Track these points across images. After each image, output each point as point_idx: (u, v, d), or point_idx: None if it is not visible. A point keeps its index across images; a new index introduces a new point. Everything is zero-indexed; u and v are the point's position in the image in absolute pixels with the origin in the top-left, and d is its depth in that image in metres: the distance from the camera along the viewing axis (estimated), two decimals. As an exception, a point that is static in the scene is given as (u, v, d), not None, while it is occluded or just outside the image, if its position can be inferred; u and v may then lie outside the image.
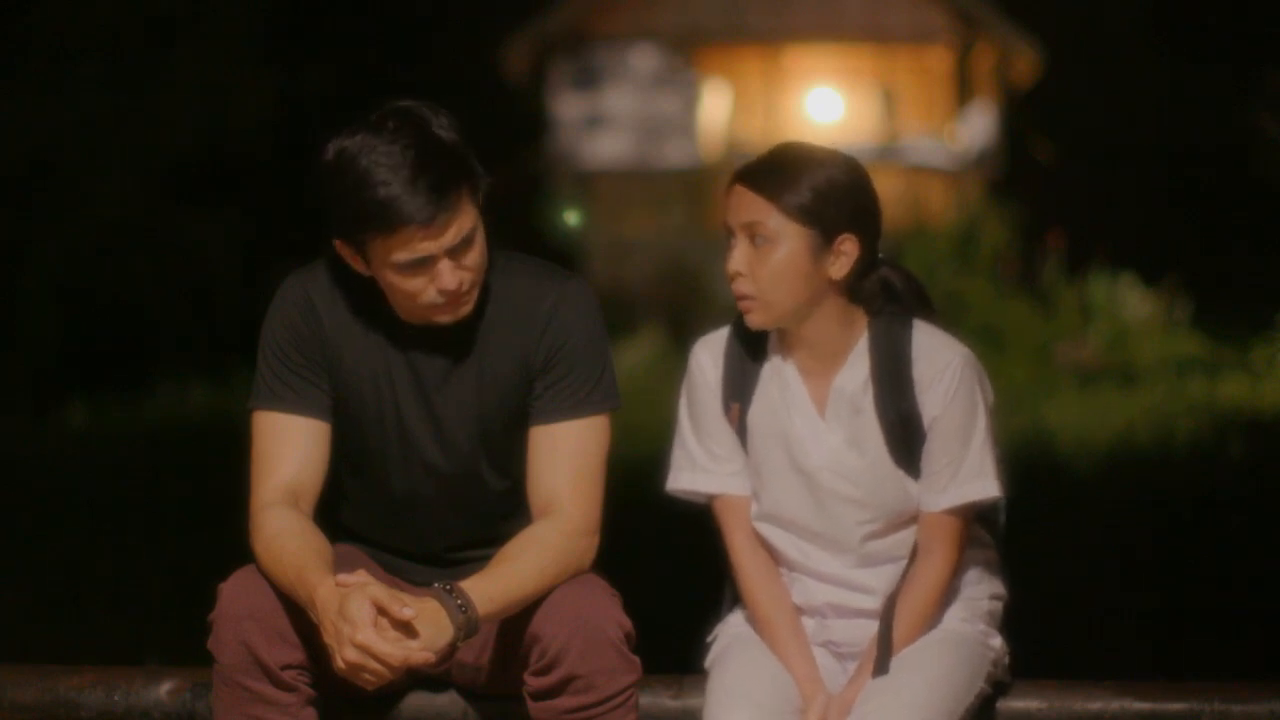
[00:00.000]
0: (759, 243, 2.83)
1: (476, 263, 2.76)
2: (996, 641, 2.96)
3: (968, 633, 2.91)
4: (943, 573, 2.88)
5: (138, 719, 3.05)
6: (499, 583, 2.69)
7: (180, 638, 3.63)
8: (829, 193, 2.82)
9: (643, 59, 20.32)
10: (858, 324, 2.90)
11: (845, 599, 2.93)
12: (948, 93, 20.59)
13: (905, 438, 2.87)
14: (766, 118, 20.08)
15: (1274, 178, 17.29)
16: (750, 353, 2.94)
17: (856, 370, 2.89)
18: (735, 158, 18.08)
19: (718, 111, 20.33)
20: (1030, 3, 20.39)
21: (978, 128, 20.55)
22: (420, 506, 2.90)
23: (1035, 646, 3.27)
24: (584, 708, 2.71)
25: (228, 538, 3.42)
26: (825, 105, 20.53)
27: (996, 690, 2.97)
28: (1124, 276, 16.18)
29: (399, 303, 2.78)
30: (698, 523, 3.10)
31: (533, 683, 2.74)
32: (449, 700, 2.95)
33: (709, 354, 2.97)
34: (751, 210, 2.83)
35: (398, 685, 2.90)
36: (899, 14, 20.40)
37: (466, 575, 2.70)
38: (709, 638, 3.01)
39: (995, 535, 3.03)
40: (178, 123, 16.54)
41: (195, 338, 15.78)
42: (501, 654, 2.82)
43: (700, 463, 2.96)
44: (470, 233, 2.73)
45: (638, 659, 2.76)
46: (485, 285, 2.83)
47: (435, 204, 2.67)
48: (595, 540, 2.83)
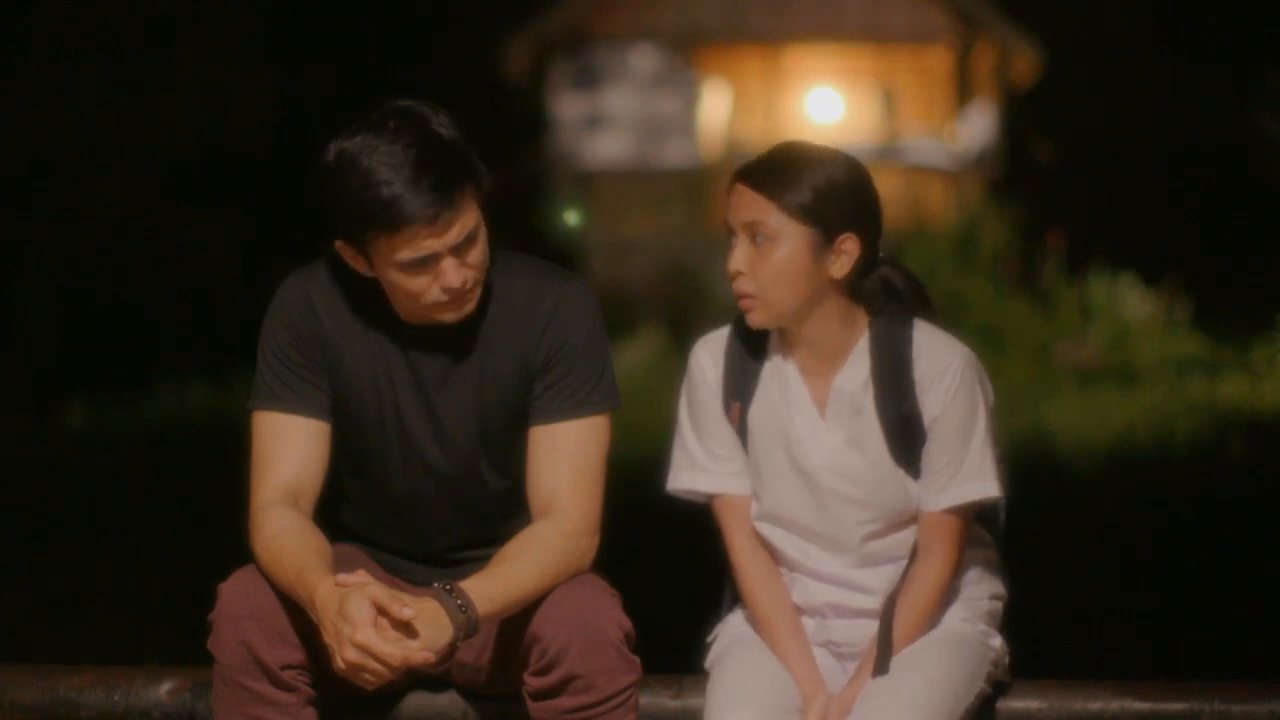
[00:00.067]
0: (760, 242, 2.83)
1: (479, 260, 2.77)
2: (996, 641, 2.96)
3: (968, 633, 2.91)
4: (943, 573, 2.88)
5: (138, 719, 3.05)
6: (499, 583, 2.69)
7: (180, 638, 3.63)
8: (830, 192, 2.81)
9: (643, 59, 20.32)
10: (858, 323, 2.90)
11: (845, 599, 2.93)
12: (948, 93, 20.59)
13: (906, 437, 2.87)
14: (766, 118, 20.08)
15: (1274, 178, 17.29)
16: (751, 352, 2.94)
17: (857, 370, 2.89)
18: (735, 158, 18.07)
19: (718, 111, 20.33)
20: (1030, 3, 20.39)
21: (978, 128, 20.55)
22: (420, 506, 2.90)
23: (1035, 646, 3.27)
24: (584, 708, 2.71)
25: (228, 538, 3.42)
26: (825, 105, 20.53)
27: (996, 690, 2.97)
28: (1124, 276, 16.18)
29: (402, 303, 2.78)
30: (698, 523, 3.10)
31: (533, 683, 2.74)
32: (449, 700, 2.95)
33: (709, 354, 2.97)
34: (752, 209, 2.83)
35: (398, 685, 2.90)
36: (899, 14, 20.40)
37: (466, 575, 2.70)
38: (709, 638, 3.01)
39: (995, 535, 3.03)
40: (178, 123, 16.54)
41: (195, 338, 15.77)
42: (501, 654, 2.82)
43: (700, 462, 2.96)
44: (473, 230, 2.74)
45: (638, 659, 2.76)
46: (486, 285, 2.83)
47: (439, 202, 2.68)
48: (595, 540, 2.83)
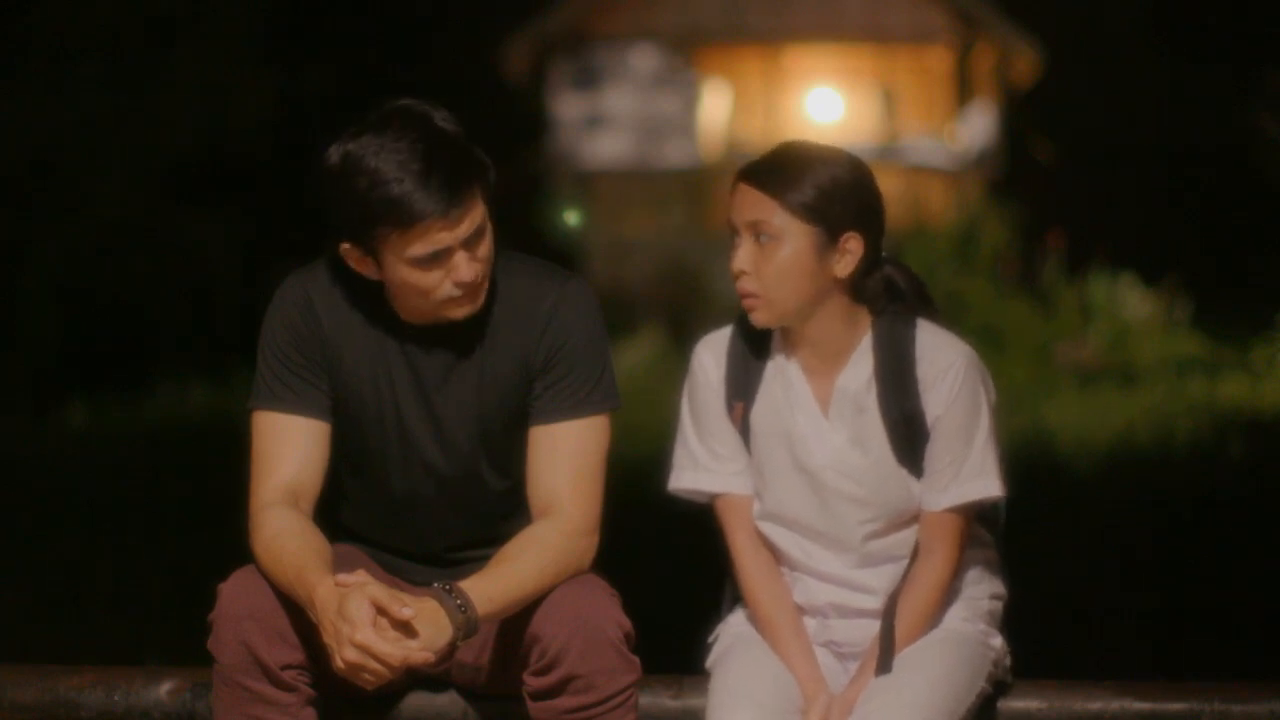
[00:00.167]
0: (764, 241, 2.83)
1: (488, 254, 2.78)
2: (997, 641, 2.96)
3: (969, 632, 2.91)
4: (944, 572, 2.88)
5: (138, 719, 3.05)
6: (499, 583, 2.69)
7: (180, 638, 3.63)
8: (833, 191, 2.81)
9: (643, 59, 20.32)
10: (861, 323, 2.90)
11: (847, 599, 2.93)
12: (948, 93, 20.58)
13: (908, 437, 2.87)
14: (766, 118, 20.08)
15: (1274, 178, 17.29)
16: (753, 352, 2.94)
17: (860, 369, 2.89)
18: (735, 158, 18.07)
19: (718, 111, 20.33)
20: (1030, 3, 20.38)
21: (978, 128, 20.55)
22: (420, 506, 2.90)
23: (1035, 646, 3.27)
24: (584, 708, 2.71)
25: (228, 538, 3.42)
26: (825, 105, 20.52)
27: (997, 690, 2.97)
28: (1124, 276, 16.17)
29: (411, 301, 2.78)
30: (698, 523, 3.10)
31: (532, 683, 2.73)
32: (449, 700, 2.95)
33: (711, 353, 2.96)
34: (756, 208, 2.83)
35: (397, 685, 2.89)
36: (899, 14, 20.40)
37: (466, 575, 2.70)
38: (710, 638, 3.01)
39: (995, 535, 3.03)
40: (178, 123, 16.54)
41: (195, 338, 15.76)
42: (501, 654, 2.82)
43: (702, 462, 2.96)
44: (482, 223, 2.75)
45: (637, 659, 2.76)
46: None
47: (450, 196, 2.68)
48: (595, 540, 2.83)
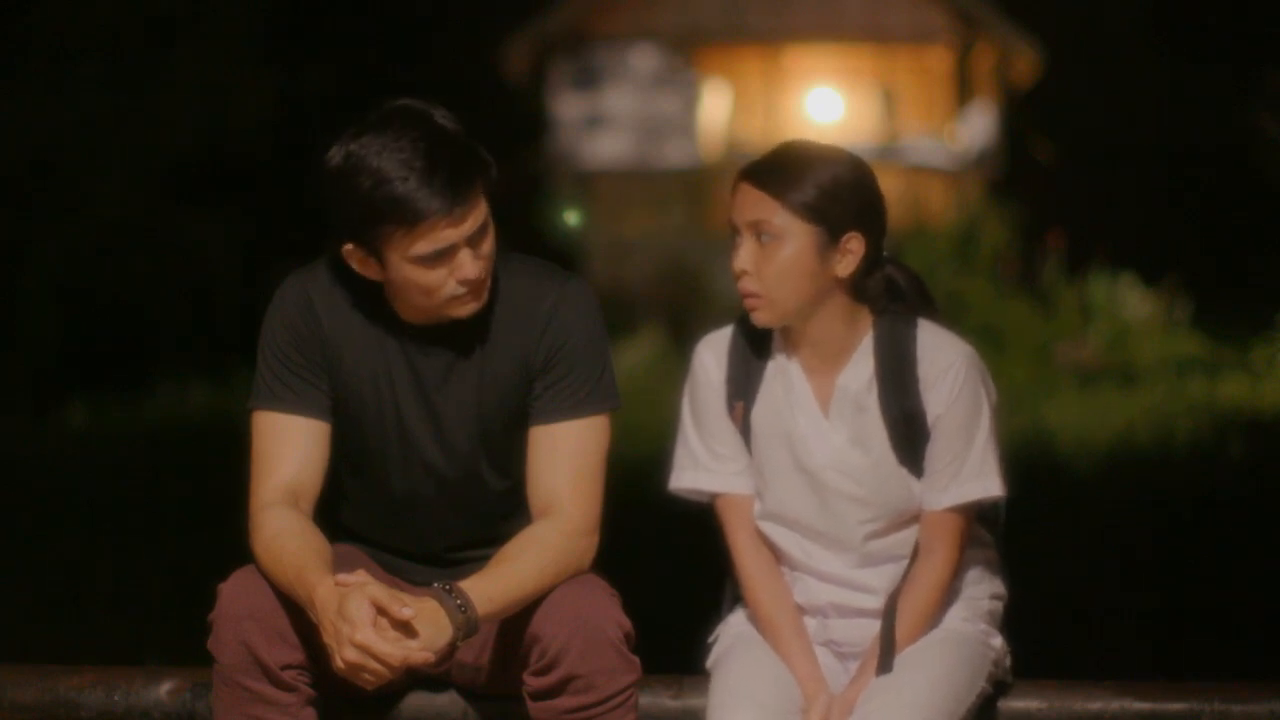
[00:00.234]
0: (765, 240, 2.83)
1: (490, 252, 2.78)
2: (997, 641, 2.96)
3: (969, 632, 2.90)
4: (944, 572, 2.88)
5: (138, 719, 3.05)
6: (499, 583, 2.69)
7: (180, 638, 3.63)
8: (835, 191, 2.82)
9: (643, 59, 20.32)
10: (862, 322, 2.90)
11: (847, 598, 2.93)
12: (948, 93, 20.58)
13: (909, 436, 2.87)
14: (766, 118, 20.08)
15: (1274, 178, 17.29)
16: (754, 351, 2.94)
17: (861, 368, 2.89)
18: (735, 158, 18.07)
19: (718, 111, 20.32)
20: (1030, 3, 20.38)
21: (978, 128, 20.55)
22: (420, 506, 2.90)
23: (1035, 646, 3.27)
24: (584, 708, 2.71)
25: (228, 538, 3.42)
26: (825, 105, 20.52)
27: (997, 690, 2.97)
28: (1124, 276, 16.17)
29: (416, 301, 2.78)
30: (698, 523, 3.10)
31: (532, 683, 2.73)
32: (449, 700, 2.95)
33: (712, 353, 2.96)
34: (757, 208, 2.83)
35: (397, 685, 2.89)
36: (899, 14, 20.39)
37: (466, 575, 2.70)
38: (710, 638, 3.01)
39: (995, 535, 3.03)
40: (178, 123, 16.53)
41: (195, 338, 15.76)
42: (501, 654, 2.82)
43: (703, 461, 2.96)
44: (485, 220, 2.75)
45: (637, 659, 2.76)
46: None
47: (454, 194, 2.69)
48: (595, 540, 2.83)
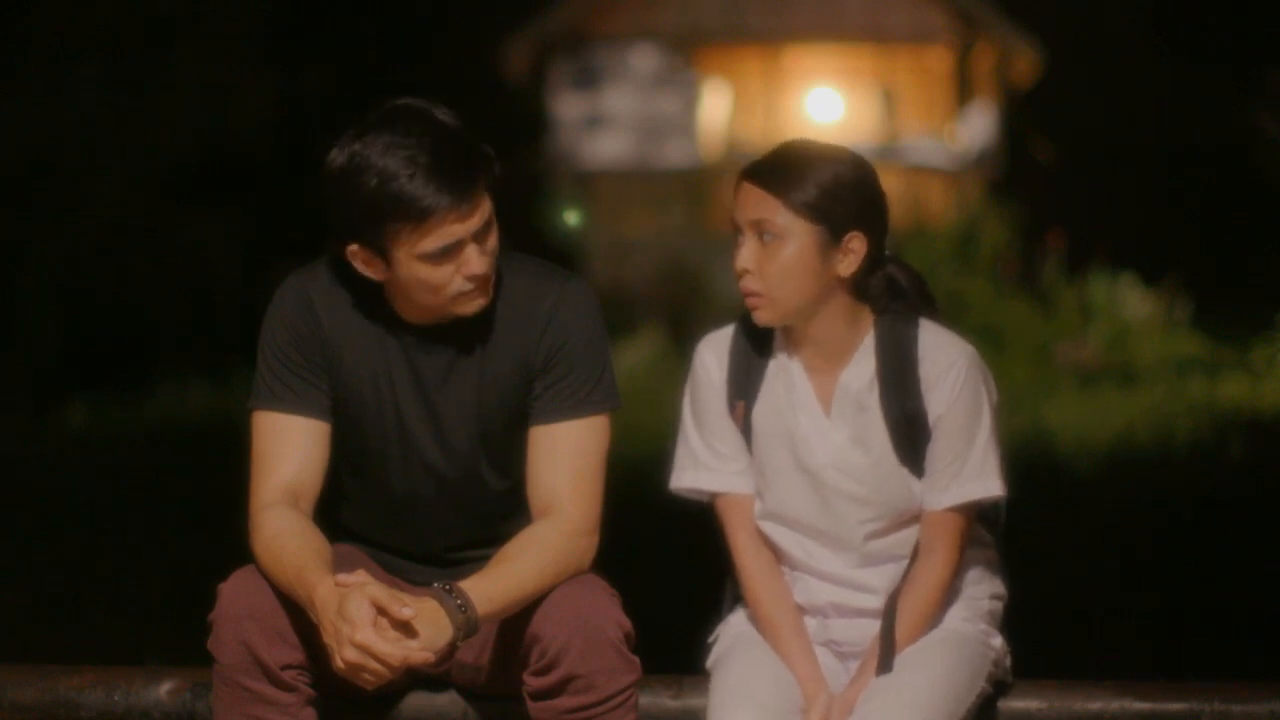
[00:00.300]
0: (767, 240, 2.83)
1: (495, 248, 2.79)
2: (997, 641, 2.96)
3: (969, 632, 2.90)
4: (944, 572, 2.88)
5: (138, 719, 3.05)
6: (499, 583, 2.69)
7: (180, 638, 3.63)
8: (836, 190, 2.82)
9: (643, 59, 20.31)
10: (864, 321, 2.90)
11: (847, 598, 2.93)
12: (948, 93, 20.58)
13: (910, 436, 2.87)
14: (766, 118, 20.07)
15: (1274, 178, 17.29)
16: (755, 350, 2.94)
17: (862, 368, 2.89)
18: (735, 158, 18.08)
19: (718, 111, 20.32)
20: (1030, 3, 20.38)
21: (978, 128, 20.54)
22: (420, 506, 2.90)
23: (1035, 646, 3.27)
24: (584, 708, 2.71)
25: (228, 538, 3.42)
26: (825, 105, 20.52)
27: (997, 690, 2.97)
28: (1124, 276, 16.17)
29: (421, 299, 2.78)
30: (698, 523, 3.10)
31: (532, 683, 2.74)
32: (449, 700, 2.95)
33: (714, 352, 2.96)
34: (759, 207, 2.83)
35: (397, 685, 2.90)
36: (899, 14, 20.39)
37: (466, 575, 2.70)
38: (710, 638, 3.01)
39: (995, 535, 3.03)
40: (178, 123, 16.53)
41: (195, 338, 15.76)
42: (501, 654, 2.82)
43: (704, 461, 2.96)
44: (490, 215, 2.76)
45: (637, 659, 2.76)
46: (489, 281, 2.83)
47: (461, 189, 2.69)
48: (595, 540, 2.83)
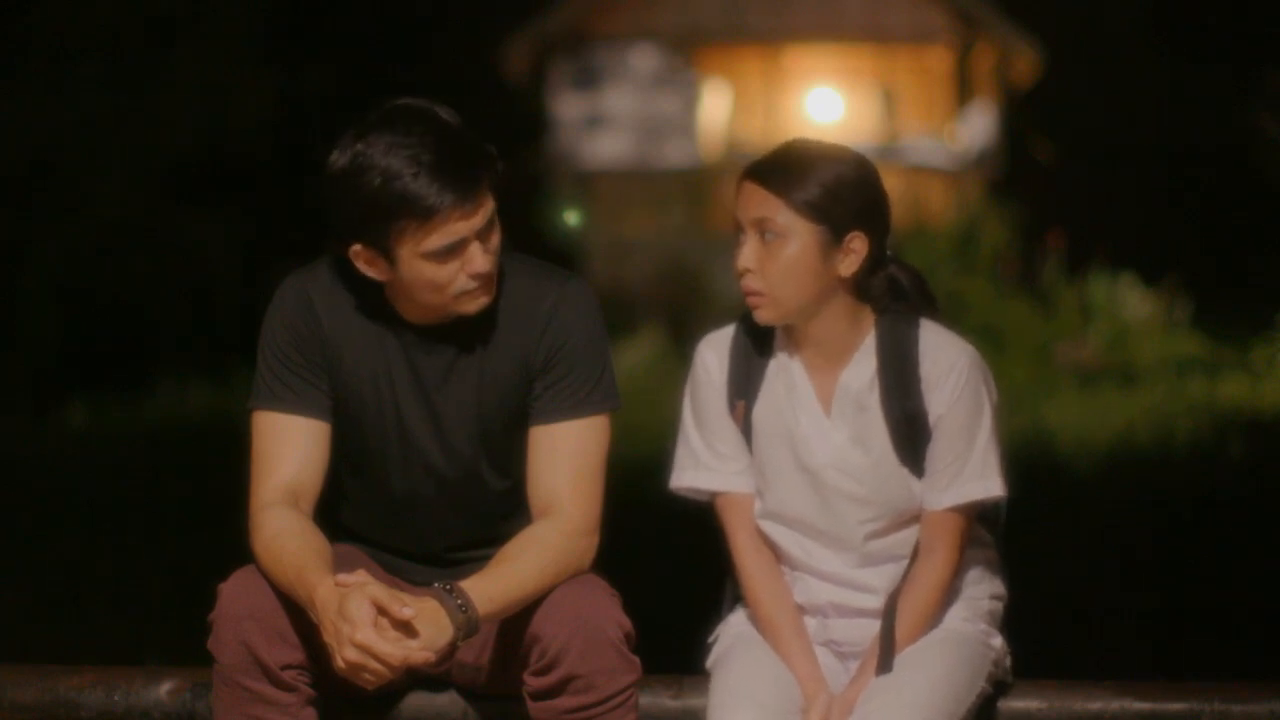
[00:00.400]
0: (769, 239, 2.83)
1: (498, 246, 2.79)
2: (997, 641, 2.96)
3: (969, 632, 2.90)
4: (944, 572, 2.88)
5: (138, 719, 3.05)
6: (499, 583, 2.69)
7: (180, 638, 3.63)
8: (838, 190, 2.81)
9: (643, 59, 20.32)
10: (865, 321, 2.90)
11: (847, 598, 2.93)
12: (948, 93, 20.58)
13: (910, 436, 2.87)
14: (766, 118, 20.08)
15: (1274, 178, 17.29)
16: (756, 350, 2.94)
17: (863, 367, 2.89)
18: (735, 158, 18.09)
19: (718, 111, 20.32)
20: (1030, 3, 20.38)
21: (978, 128, 20.55)
22: (420, 506, 2.90)
23: (1035, 646, 3.27)
24: (584, 708, 2.71)
25: (228, 538, 3.42)
26: (825, 105, 20.52)
27: (997, 690, 2.97)
28: (1124, 276, 16.17)
29: (424, 298, 2.78)
30: (698, 523, 3.10)
31: (532, 683, 2.74)
32: (449, 700, 2.95)
33: (714, 352, 2.96)
34: (761, 206, 2.83)
35: (398, 685, 2.89)
36: (899, 14, 20.39)
37: (466, 575, 2.70)
38: (710, 638, 3.01)
39: (995, 535, 3.03)
40: (178, 123, 16.53)
41: (195, 338, 15.76)
42: (501, 654, 2.82)
43: (704, 460, 2.96)
44: (493, 214, 2.77)
45: (638, 659, 2.76)
46: (489, 282, 2.83)
47: (465, 187, 2.70)
48: (595, 540, 2.83)
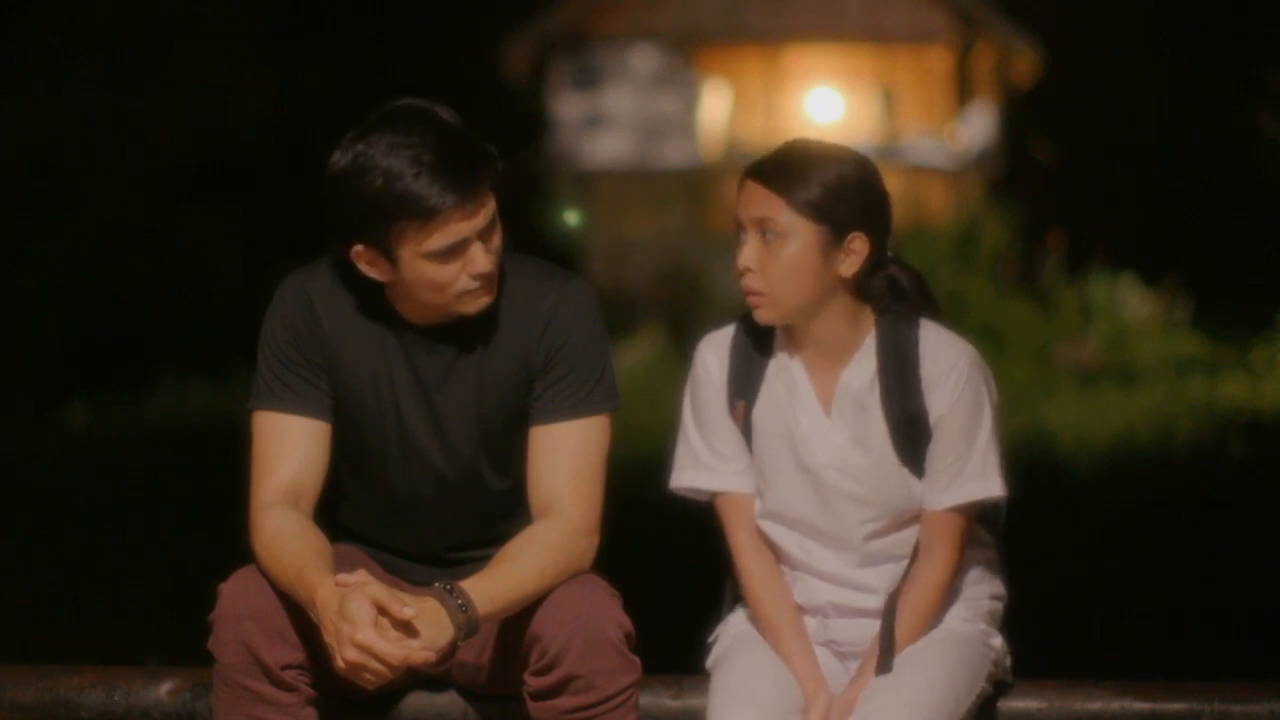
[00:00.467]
0: (770, 238, 2.82)
1: (499, 246, 2.79)
2: (997, 641, 2.96)
3: (969, 632, 2.90)
4: (944, 572, 2.87)
5: (138, 719, 3.05)
6: (499, 582, 2.69)
7: (180, 638, 3.63)
8: (839, 190, 2.81)
9: (643, 59, 20.32)
10: (865, 321, 2.90)
11: (847, 598, 2.93)
12: (948, 93, 20.59)
13: (910, 436, 2.87)
14: (766, 118, 20.08)
15: (1274, 178, 17.29)
16: (756, 350, 2.94)
17: (863, 368, 2.89)
18: (735, 158, 18.10)
19: (718, 111, 20.33)
20: (1030, 3, 20.38)
21: (978, 128, 20.55)
22: (420, 506, 2.90)
23: (1035, 646, 3.27)
24: (584, 708, 2.71)
25: (228, 538, 3.42)
26: (825, 105, 20.52)
27: (997, 690, 2.97)
28: (1124, 276, 16.18)
29: (426, 298, 2.78)
30: (698, 523, 3.10)
31: (533, 683, 2.74)
32: (449, 700, 2.95)
33: (714, 352, 2.96)
34: (763, 206, 2.83)
35: (398, 685, 2.89)
36: (899, 14, 20.40)
37: (466, 575, 2.70)
38: (710, 638, 3.01)
39: (995, 535, 3.03)
40: (178, 123, 16.54)
41: (195, 338, 15.76)
42: (501, 654, 2.82)
43: (704, 460, 2.96)
44: (495, 214, 2.77)
45: (638, 659, 2.76)
46: (489, 282, 2.83)
47: (466, 187, 2.70)
48: (595, 540, 2.83)
